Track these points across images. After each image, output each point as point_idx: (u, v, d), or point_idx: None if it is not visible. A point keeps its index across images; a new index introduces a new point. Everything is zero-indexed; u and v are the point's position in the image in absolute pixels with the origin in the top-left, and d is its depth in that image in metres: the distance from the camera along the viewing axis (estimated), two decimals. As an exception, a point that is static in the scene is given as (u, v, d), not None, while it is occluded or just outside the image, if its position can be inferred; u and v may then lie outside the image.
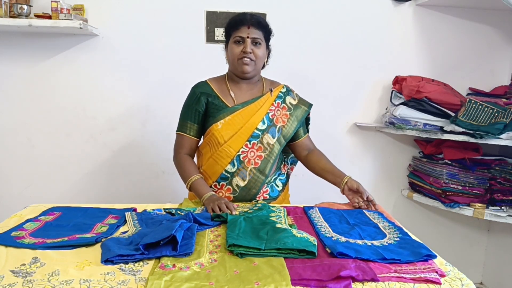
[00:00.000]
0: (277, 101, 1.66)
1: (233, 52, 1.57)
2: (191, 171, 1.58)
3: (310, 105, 1.75)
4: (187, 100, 1.65)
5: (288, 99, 1.70)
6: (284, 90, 1.71)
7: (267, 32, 1.61)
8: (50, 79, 2.30)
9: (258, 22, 1.57)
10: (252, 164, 1.60)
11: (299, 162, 1.82)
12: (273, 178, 1.68)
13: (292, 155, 1.82)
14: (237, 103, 1.62)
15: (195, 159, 1.71)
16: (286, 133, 1.67)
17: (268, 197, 1.66)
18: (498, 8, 2.35)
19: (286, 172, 1.78)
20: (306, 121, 1.79)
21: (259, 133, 1.61)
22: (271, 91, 1.67)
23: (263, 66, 1.69)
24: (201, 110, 1.61)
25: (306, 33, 2.39)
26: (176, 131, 1.66)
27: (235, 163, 1.59)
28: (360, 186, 1.54)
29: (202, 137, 1.67)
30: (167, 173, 2.41)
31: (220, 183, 1.61)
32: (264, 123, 1.61)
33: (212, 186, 1.62)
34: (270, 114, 1.63)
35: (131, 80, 2.34)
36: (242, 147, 1.59)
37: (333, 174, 1.64)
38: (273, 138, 1.63)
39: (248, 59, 1.56)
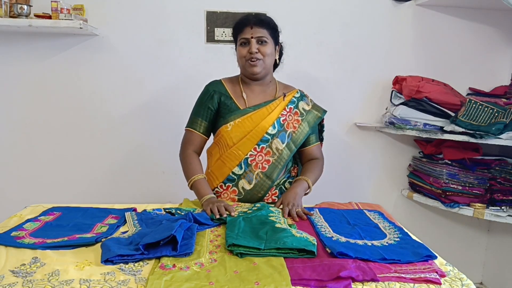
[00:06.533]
0: (289, 106, 1.63)
1: (241, 54, 1.58)
2: (195, 169, 1.57)
3: (324, 112, 1.71)
4: (200, 97, 1.65)
5: (301, 104, 1.67)
6: (298, 95, 1.68)
7: (272, 29, 1.58)
8: (50, 79, 2.30)
9: (261, 20, 1.56)
10: (259, 168, 1.58)
11: None
12: (282, 181, 1.65)
13: None
14: (249, 106, 1.61)
15: (205, 160, 1.69)
16: (297, 138, 1.63)
17: (276, 199, 1.63)
18: (498, 8, 2.35)
19: (295, 175, 1.73)
20: (320, 128, 1.75)
21: (269, 137, 1.58)
22: (284, 95, 1.64)
23: (276, 66, 1.67)
24: (213, 108, 1.61)
25: (305, 33, 2.39)
26: (186, 126, 1.65)
27: (243, 165, 1.58)
28: (286, 199, 1.46)
29: (213, 138, 1.67)
30: (167, 173, 2.41)
31: (226, 184, 1.60)
32: (274, 127, 1.59)
33: (218, 187, 1.61)
34: (282, 119, 1.61)
35: (131, 80, 2.34)
36: (251, 151, 1.57)
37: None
38: (282, 143, 1.60)
39: (254, 60, 1.55)
